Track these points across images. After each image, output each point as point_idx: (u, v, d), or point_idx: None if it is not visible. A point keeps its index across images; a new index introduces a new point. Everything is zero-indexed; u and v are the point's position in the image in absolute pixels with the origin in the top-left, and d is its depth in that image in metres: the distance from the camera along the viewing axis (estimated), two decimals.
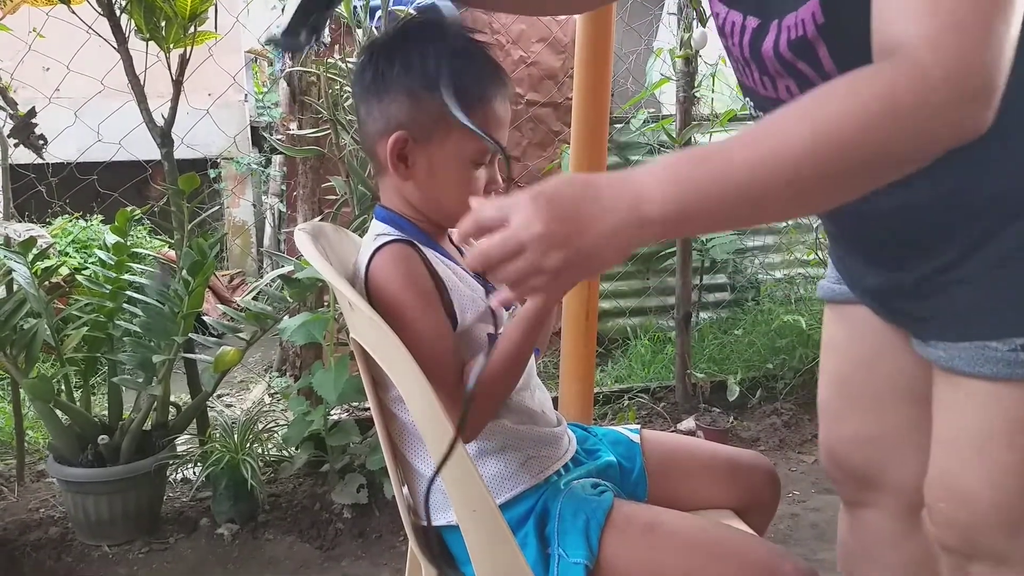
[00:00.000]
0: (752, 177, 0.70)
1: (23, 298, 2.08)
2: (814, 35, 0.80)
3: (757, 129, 0.73)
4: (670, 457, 1.22)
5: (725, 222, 0.77)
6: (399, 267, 1.01)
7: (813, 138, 0.68)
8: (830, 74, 0.82)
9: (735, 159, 0.72)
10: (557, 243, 0.74)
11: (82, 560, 2.08)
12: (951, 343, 0.88)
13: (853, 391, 1.14)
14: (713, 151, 0.75)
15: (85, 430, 2.14)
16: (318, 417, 2.21)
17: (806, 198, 0.73)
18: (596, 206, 0.74)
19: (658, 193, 0.73)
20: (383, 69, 1.03)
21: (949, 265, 0.87)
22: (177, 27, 2.04)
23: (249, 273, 5.24)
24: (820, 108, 0.69)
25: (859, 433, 1.14)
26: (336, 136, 2.26)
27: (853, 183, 0.72)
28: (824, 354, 1.19)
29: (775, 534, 2.19)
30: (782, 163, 0.69)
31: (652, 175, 0.75)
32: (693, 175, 0.73)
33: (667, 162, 0.75)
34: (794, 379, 3.13)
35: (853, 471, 1.16)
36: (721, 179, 0.71)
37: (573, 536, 1.01)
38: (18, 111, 2.20)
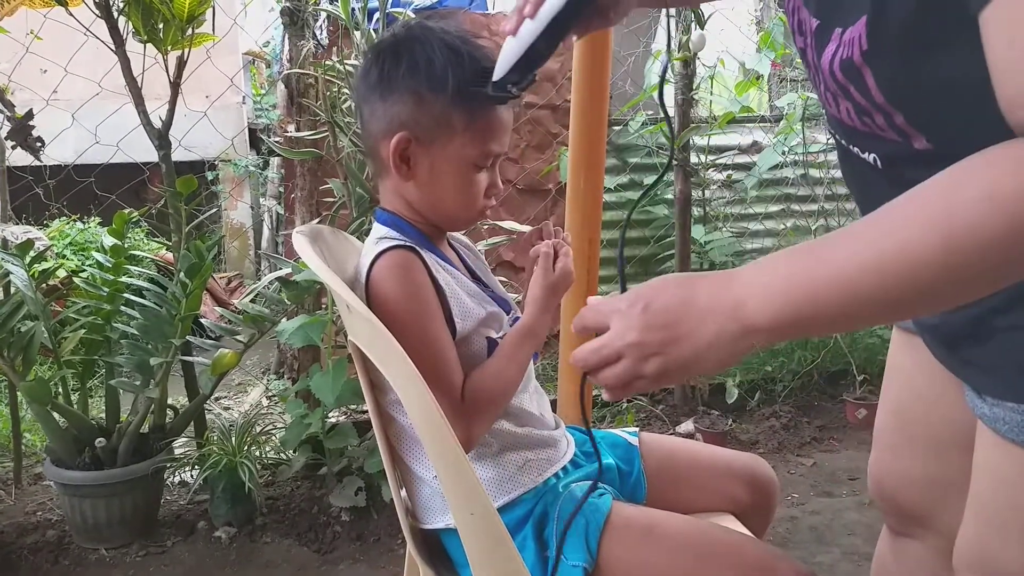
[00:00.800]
0: (873, 280, 0.64)
1: (20, 300, 2.07)
2: (860, 60, 0.73)
3: (872, 226, 0.66)
4: (669, 460, 1.22)
5: (842, 325, 0.73)
6: (401, 276, 1.01)
7: (944, 246, 0.60)
8: (881, 107, 0.75)
9: (852, 262, 0.65)
10: (652, 352, 0.74)
11: (79, 563, 2.07)
12: (998, 400, 0.79)
13: (911, 427, 1.09)
14: (824, 251, 0.68)
15: (82, 433, 2.13)
16: (316, 420, 2.21)
17: (938, 300, 0.67)
18: (693, 313, 0.73)
19: (763, 299, 0.69)
20: (388, 69, 1.03)
21: (1003, 305, 0.75)
22: (175, 29, 2.04)
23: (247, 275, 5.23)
24: (951, 202, 0.60)
25: (911, 472, 1.09)
26: (334, 138, 2.25)
27: (994, 282, 0.63)
28: (887, 379, 1.13)
29: (774, 537, 2.19)
30: (909, 270, 0.62)
31: (755, 279, 0.71)
32: (800, 278, 0.68)
33: (773, 260, 0.71)
34: (793, 382, 3.14)
35: (900, 507, 1.13)
36: (838, 283, 0.66)
37: (572, 539, 1.01)
38: (15, 113, 2.20)
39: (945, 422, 1.01)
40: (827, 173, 3.54)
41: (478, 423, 1.01)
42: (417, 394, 0.91)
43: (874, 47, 0.71)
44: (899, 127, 0.75)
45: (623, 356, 0.76)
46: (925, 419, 1.05)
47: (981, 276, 0.62)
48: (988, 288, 0.64)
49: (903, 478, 1.11)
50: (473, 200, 1.07)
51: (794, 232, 3.68)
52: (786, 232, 3.71)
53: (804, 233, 3.66)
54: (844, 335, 3.16)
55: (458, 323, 1.04)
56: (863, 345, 3.22)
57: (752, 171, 3.76)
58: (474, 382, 1.02)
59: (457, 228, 1.17)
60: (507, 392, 1.05)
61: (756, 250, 3.92)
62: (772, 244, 3.91)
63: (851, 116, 0.81)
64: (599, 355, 0.78)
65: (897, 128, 0.75)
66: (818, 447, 2.84)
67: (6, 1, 2.07)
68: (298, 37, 2.39)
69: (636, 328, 0.75)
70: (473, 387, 1.02)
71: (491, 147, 1.05)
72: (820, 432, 2.93)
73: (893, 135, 0.76)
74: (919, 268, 0.61)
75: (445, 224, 1.12)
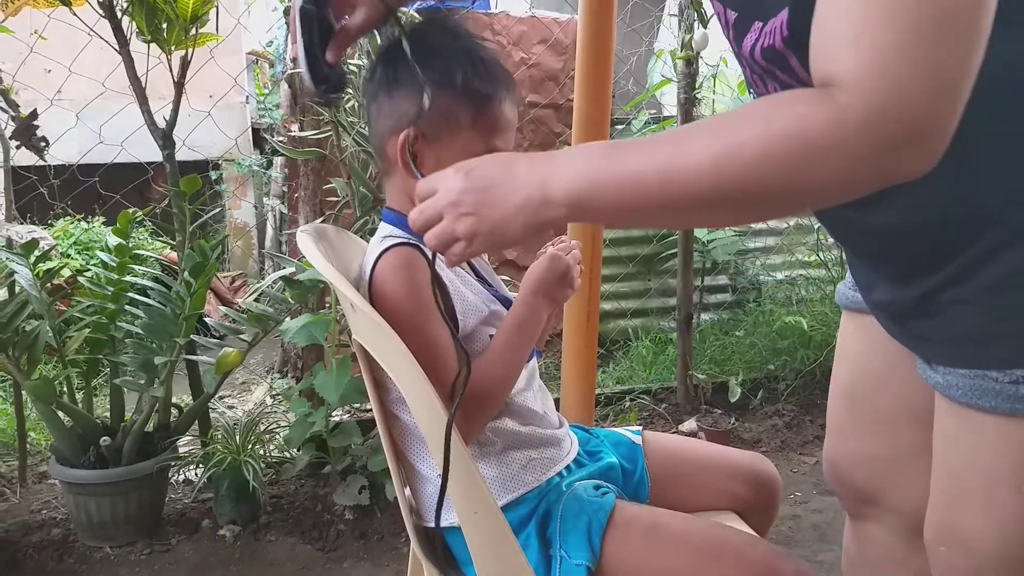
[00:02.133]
0: (657, 179, 0.70)
1: (25, 300, 2.08)
2: (782, 47, 0.78)
3: (678, 132, 0.72)
4: (672, 458, 1.23)
5: (627, 217, 0.77)
6: (404, 273, 1.02)
7: (717, 158, 0.67)
8: (803, 80, 0.77)
9: (645, 156, 0.71)
10: (465, 210, 0.80)
11: (84, 562, 2.08)
12: (951, 368, 0.82)
13: (862, 406, 1.11)
14: (631, 145, 0.73)
15: (87, 432, 2.14)
16: (320, 418, 2.21)
17: (706, 212, 0.72)
18: (509, 179, 0.78)
19: (566, 175, 0.74)
20: (395, 68, 1.04)
21: (949, 282, 0.80)
22: (178, 29, 2.04)
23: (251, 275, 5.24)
24: (732, 129, 0.67)
25: (863, 451, 1.11)
26: (337, 138, 2.26)
27: (758, 208, 0.71)
28: (837, 363, 1.16)
29: (777, 535, 2.19)
30: (684, 173, 0.68)
31: (567, 157, 0.76)
32: (602, 164, 0.73)
33: (586, 147, 0.76)
34: (796, 380, 3.13)
35: (854, 486, 1.14)
36: (626, 174, 0.71)
37: (575, 537, 1.01)
38: (20, 113, 2.21)
39: (896, 398, 1.04)
40: None
41: (472, 420, 1.00)
42: (421, 392, 0.92)
43: (796, 35, 0.76)
44: None
45: (443, 215, 0.82)
46: (876, 396, 1.08)
47: (746, 198, 0.67)
48: (756, 211, 0.72)
49: (856, 456, 1.13)
50: None
51: (796, 231, 3.67)
52: (789, 230, 3.71)
53: (807, 231, 3.66)
54: None
55: (461, 320, 1.04)
56: None
57: None
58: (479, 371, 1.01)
59: None
60: (499, 388, 1.04)
61: (758, 249, 3.92)
62: (775, 242, 3.91)
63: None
64: (424, 215, 0.84)
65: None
66: (821, 446, 2.80)
67: (10, 1, 2.08)
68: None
69: (455, 190, 0.80)
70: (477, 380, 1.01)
71: (496, 143, 1.06)
72: (823, 431, 2.89)
73: None
74: (691, 175, 0.68)
75: None
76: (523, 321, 1.05)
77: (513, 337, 1.04)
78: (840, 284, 1.14)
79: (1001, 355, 0.78)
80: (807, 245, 3.58)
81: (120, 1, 2.04)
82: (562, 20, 3.76)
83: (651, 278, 3.83)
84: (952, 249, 0.79)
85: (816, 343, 3.21)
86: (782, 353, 3.20)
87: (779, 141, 0.64)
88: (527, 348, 1.06)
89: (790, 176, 0.64)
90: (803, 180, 0.65)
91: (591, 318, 1.97)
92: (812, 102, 0.63)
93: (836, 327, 3.45)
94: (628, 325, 3.72)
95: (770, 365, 3.18)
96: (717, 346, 3.39)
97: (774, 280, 3.79)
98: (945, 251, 0.79)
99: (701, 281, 3.59)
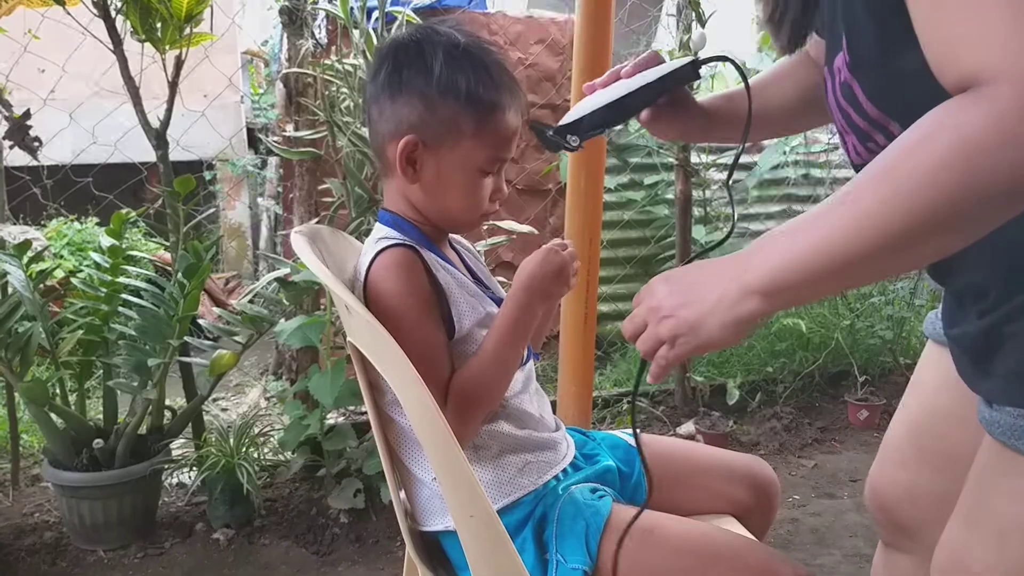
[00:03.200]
0: (847, 245, 0.69)
1: (18, 301, 2.06)
2: (848, 76, 0.78)
3: (845, 190, 0.71)
4: (669, 461, 1.21)
5: (830, 288, 0.76)
6: (399, 274, 1.01)
7: (895, 200, 0.65)
8: (876, 121, 0.79)
9: (824, 223, 0.71)
10: (665, 314, 0.82)
11: (77, 565, 2.06)
12: (1000, 406, 0.79)
13: (924, 441, 1.07)
14: (812, 219, 0.73)
15: (80, 434, 2.12)
16: (314, 421, 2.20)
17: (906, 257, 0.70)
18: (703, 279, 0.80)
19: (759, 263, 0.75)
20: (399, 71, 1.03)
21: (1015, 314, 0.77)
22: (173, 28, 2.03)
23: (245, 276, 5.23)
24: (895, 167, 0.66)
25: (915, 486, 1.08)
26: (333, 138, 2.25)
27: (954, 234, 0.67)
28: (909, 390, 1.12)
29: (775, 539, 2.18)
30: (871, 230, 0.67)
31: (758, 246, 0.76)
32: (793, 244, 0.73)
33: (773, 233, 0.76)
34: (794, 383, 3.13)
35: (898, 518, 1.12)
36: (820, 248, 0.70)
37: (572, 541, 1.00)
38: (13, 113, 2.19)
39: (960, 439, 1.00)
40: (829, 173, 3.54)
41: (465, 422, 0.99)
42: (416, 395, 0.90)
43: (856, 58, 0.76)
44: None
45: (647, 321, 0.84)
46: (941, 432, 1.04)
47: (938, 227, 0.65)
48: (953, 237, 0.67)
49: (907, 491, 1.10)
50: (478, 204, 1.07)
51: None
52: None
53: None
54: (846, 336, 3.15)
55: (457, 322, 1.03)
56: (864, 346, 3.22)
57: (753, 171, 3.76)
58: (456, 381, 1.01)
59: (460, 231, 1.17)
60: (493, 388, 1.03)
61: None
62: None
63: (858, 150, 0.84)
64: (632, 323, 0.87)
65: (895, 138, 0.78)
66: (819, 448, 2.83)
67: (4, 0, 2.07)
68: (297, 36, 2.38)
69: (657, 295, 0.83)
70: (455, 386, 1.00)
71: (499, 153, 1.05)
72: (821, 433, 2.93)
73: None
74: (880, 228, 0.67)
75: (448, 226, 1.12)
76: (515, 319, 1.03)
77: (505, 335, 1.03)
78: (930, 312, 1.10)
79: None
80: None
81: (114, 0, 2.03)
82: (559, 20, 3.75)
83: (649, 279, 3.82)
84: (1015, 273, 0.77)
85: (814, 345, 3.20)
86: (780, 355, 3.20)
87: (947, 158, 0.62)
88: (520, 346, 1.05)
89: (970, 187, 0.63)
90: (985, 184, 0.63)
91: (588, 320, 1.96)
92: (961, 109, 0.63)
93: (834, 330, 3.44)
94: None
95: (768, 367, 3.17)
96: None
97: None
98: (1015, 282, 0.77)
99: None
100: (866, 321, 3.23)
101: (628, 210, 3.74)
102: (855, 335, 3.19)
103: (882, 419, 3.01)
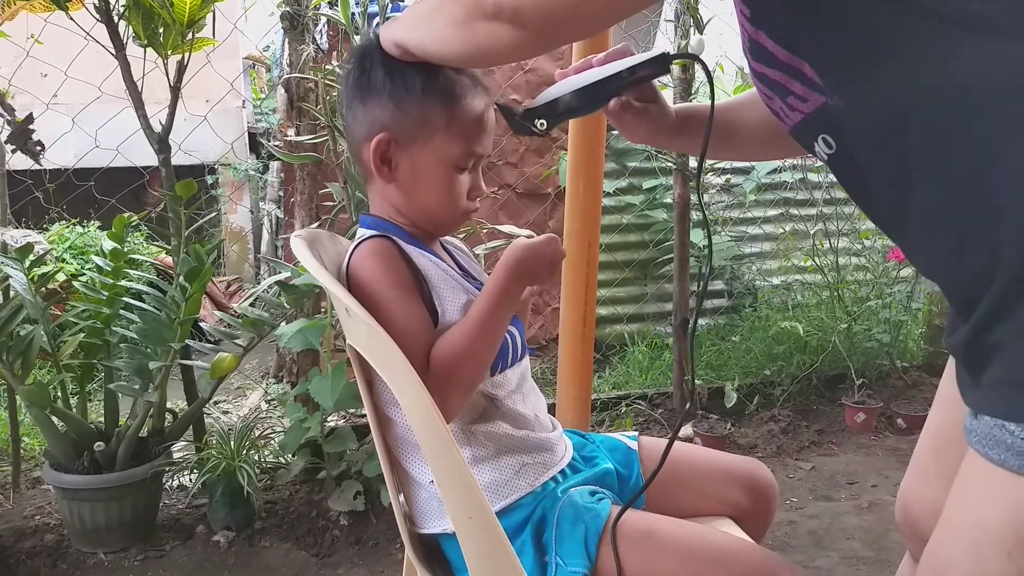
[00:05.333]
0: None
1: (20, 304, 2.07)
2: (752, 30, 0.80)
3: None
4: (668, 464, 1.22)
5: None
6: (375, 260, 1.02)
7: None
8: (789, 66, 0.81)
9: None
10: None
11: (78, 567, 2.07)
12: (980, 415, 0.78)
13: (943, 453, 1.07)
14: None
15: (81, 437, 2.13)
16: (315, 424, 2.21)
17: None
18: None
19: None
20: (366, 74, 1.04)
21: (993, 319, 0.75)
22: (175, 33, 2.04)
23: (246, 279, 5.24)
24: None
25: (939, 500, 1.07)
26: (334, 142, 2.26)
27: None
28: (935, 403, 1.12)
29: (772, 541, 2.19)
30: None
31: None
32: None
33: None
34: (792, 386, 3.14)
35: (922, 533, 1.08)
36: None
37: (571, 544, 1.01)
38: (16, 117, 2.20)
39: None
40: (826, 177, 3.55)
41: (448, 388, 0.96)
42: (415, 397, 0.91)
43: (754, 9, 0.78)
44: (811, 80, 0.80)
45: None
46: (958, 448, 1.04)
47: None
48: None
49: (931, 504, 1.08)
50: (455, 201, 1.08)
51: (792, 236, 3.68)
52: (784, 236, 3.72)
53: (803, 237, 3.66)
54: (843, 339, 3.16)
55: (439, 309, 1.04)
56: (862, 349, 3.23)
57: (750, 175, 3.77)
58: (439, 346, 0.99)
59: (442, 231, 1.16)
60: (476, 355, 0.99)
61: (755, 254, 3.92)
62: (771, 248, 3.91)
63: (785, 111, 0.86)
64: None
65: (810, 83, 0.80)
66: (817, 451, 2.84)
67: (7, 5, 2.08)
68: (298, 41, 2.39)
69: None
70: (438, 350, 0.98)
71: (472, 147, 1.06)
72: (819, 436, 2.93)
73: (814, 98, 0.81)
74: None
75: (430, 226, 1.12)
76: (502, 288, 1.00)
77: (491, 300, 1.00)
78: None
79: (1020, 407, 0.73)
80: (803, 250, 3.59)
81: (116, 5, 2.04)
82: None
83: (647, 283, 3.83)
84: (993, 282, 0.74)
85: (812, 348, 3.21)
86: (778, 358, 3.20)
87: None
88: (504, 315, 1.01)
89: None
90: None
91: (587, 323, 1.97)
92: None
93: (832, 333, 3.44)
94: (624, 330, 3.72)
95: (766, 370, 3.18)
96: (713, 351, 3.39)
97: (770, 285, 3.80)
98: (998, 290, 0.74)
99: (698, 286, 3.59)
100: (863, 324, 3.23)
101: (627, 214, 3.75)
102: (852, 338, 3.20)
103: (879, 422, 3.02)
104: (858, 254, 3.49)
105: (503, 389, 1.09)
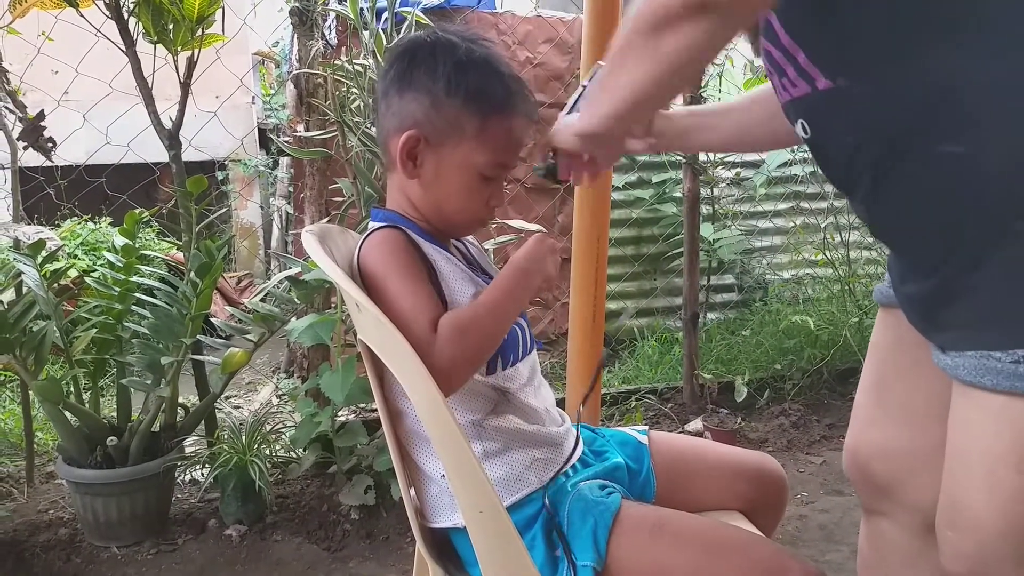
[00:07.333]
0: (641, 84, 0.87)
1: (32, 300, 2.09)
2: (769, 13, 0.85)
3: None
4: (678, 458, 1.22)
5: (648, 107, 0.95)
6: (384, 244, 1.03)
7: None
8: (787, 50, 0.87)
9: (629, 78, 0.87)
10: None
11: (91, 561, 2.08)
12: (961, 352, 0.86)
13: (887, 398, 1.13)
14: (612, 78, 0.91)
15: (94, 432, 2.14)
16: (325, 418, 2.21)
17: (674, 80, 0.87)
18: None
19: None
20: (410, 69, 1.05)
21: (965, 268, 0.83)
22: (185, 30, 2.04)
23: (257, 275, 5.26)
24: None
25: (886, 443, 1.12)
26: (343, 138, 2.26)
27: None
28: (868, 355, 1.18)
29: (783, 535, 2.18)
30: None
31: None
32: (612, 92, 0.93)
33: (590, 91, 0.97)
34: (802, 380, 3.13)
35: (872, 479, 1.15)
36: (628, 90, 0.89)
37: (581, 538, 1.01)
38: (27, 114, 2.21)
39: (921, 391, 1.06)
40: None
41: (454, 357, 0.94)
42: (425, 391, 0.91)
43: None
44: (803, 68, 0.87)
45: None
46: (902, 388, 1.10)
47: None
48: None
49: (878, 447, 1.14)
50: (474, 208, 1.09)
51: (803, 230, 3.67)
52: (795, 230, 3.70)
53: (814, 231, 3.65)
54: (854, 333, 3.15)
55: (448, 300, 1.04)
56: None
57: (761, 169, 3.76)
58: (449, 315, 0.98)
59: (455, 233, 1.16)
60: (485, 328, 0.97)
61: (765, 248, 3.91)
62: (781, 241, 3.90)
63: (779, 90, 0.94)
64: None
65: (801, 70, 0.87)
66: (828, 445, 2.83)
67: (18, 3, 2.09)
68: (307, 37, 2.40)
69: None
70: (447, 319, 0.96)
71: (500, 158, 1.07)
72: (830, 430, 2.92)
73: (803, 84, 0.88)
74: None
75: (443, 227, 1.12)
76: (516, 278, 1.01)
77: (504, 285, 1.01)
78: (879, 284, 1.16)
79: (1003, 336, 0.81)
80: (813, 244, 3.58)
81: (127, 2, 2.04)
82: (567, 19, 3.76)
83: (657, 277, 3.83)
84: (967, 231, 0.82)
85: (823, 342, 3.20)
86: (788, 352, 3.19)
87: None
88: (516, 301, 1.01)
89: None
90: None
91: (597, 318, 1.97)
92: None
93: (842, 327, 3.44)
94: (634, 324, 3.72)
95: (776, 365, 3.17)
96: (723, 346, 3.38)
97: (780, 279, 3.79)
98: (964, 232, 0.83)
99: (707, 280, 3.58)
100: (874, 318, 3.22)
101: (636, 208, 3.74)
102: (863, 332, 3.18)
103: None
104: (869, 247, 3.48)
105: (515, 382, 1.09)
